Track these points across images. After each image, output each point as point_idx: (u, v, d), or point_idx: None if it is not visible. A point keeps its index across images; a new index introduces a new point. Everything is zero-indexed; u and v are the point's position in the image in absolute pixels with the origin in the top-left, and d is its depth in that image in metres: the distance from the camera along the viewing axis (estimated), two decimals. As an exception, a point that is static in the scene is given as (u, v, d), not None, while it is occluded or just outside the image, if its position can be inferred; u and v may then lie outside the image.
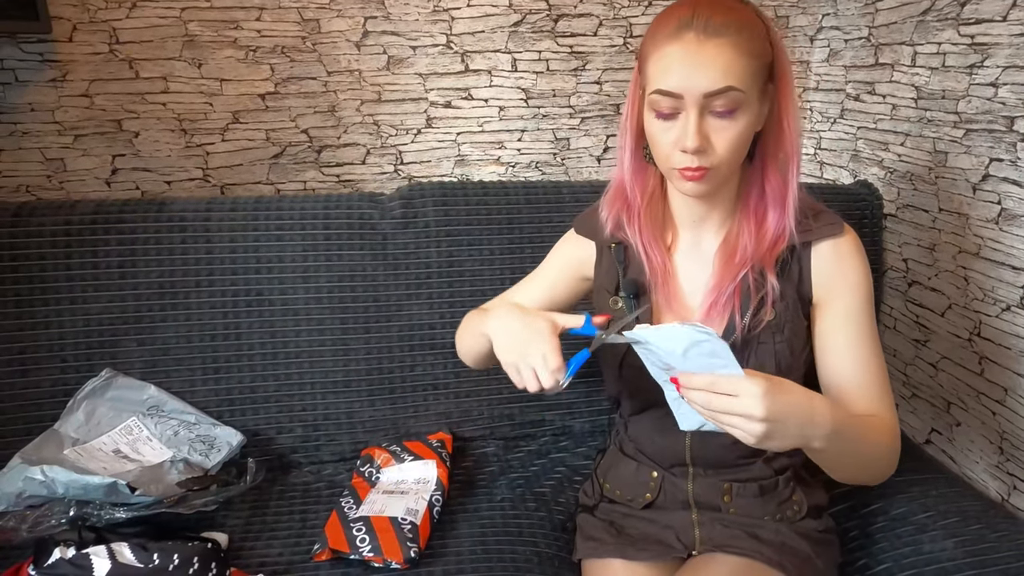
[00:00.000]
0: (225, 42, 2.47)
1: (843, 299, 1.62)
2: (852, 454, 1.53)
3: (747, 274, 1.60)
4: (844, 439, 1.43)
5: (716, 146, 1.46)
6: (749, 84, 1.43)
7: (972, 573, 1.66)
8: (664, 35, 1.44)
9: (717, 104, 1.42)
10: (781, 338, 1.61)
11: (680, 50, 1.42)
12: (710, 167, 1.47)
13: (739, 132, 1.45)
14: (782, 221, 1.59)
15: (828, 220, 1.63)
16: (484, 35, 2.65)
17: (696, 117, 1.43)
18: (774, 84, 1.52)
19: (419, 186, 2.37)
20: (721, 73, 1.39)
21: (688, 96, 1.42)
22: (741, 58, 1.40)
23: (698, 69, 1.40)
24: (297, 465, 2.27)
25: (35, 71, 2.35)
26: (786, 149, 1.56)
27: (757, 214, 1.61)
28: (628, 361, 1.70)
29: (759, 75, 1.46)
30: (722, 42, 1.40)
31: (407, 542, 1.81)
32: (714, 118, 1.44)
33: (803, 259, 1.63)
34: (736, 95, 1.41)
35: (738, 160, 1.52)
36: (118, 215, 2.15)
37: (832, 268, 1.62)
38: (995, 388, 2.16)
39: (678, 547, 1.70)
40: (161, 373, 2.18)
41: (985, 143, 2.11)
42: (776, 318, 1.60)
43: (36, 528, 1.77)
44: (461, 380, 2.34)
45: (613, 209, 1.74)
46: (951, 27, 2.20)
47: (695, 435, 1.71)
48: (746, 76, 1.42)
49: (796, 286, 1.64)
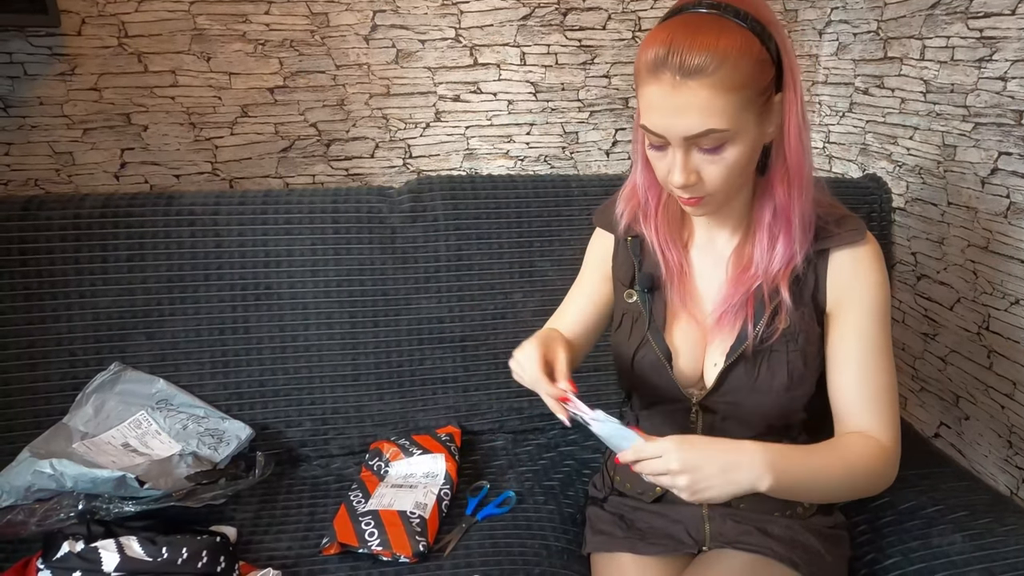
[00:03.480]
0: (234, 36, 2.47)
1: (855, 311, 1.58)
2: (823, 485, 1.50)
3: (761, 284, 1.58)
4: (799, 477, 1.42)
5: (706, 179, 1.42)
6: (735, 117, 1.35)
7: (981, 567, 1.65)
8: (645, 69, 1.38)
9: (702, 143, 1.38)
10: (795, 347, 1.59)
11: (658, 91, 1.36)
12: (703, 195, 1.46)
13: (728, 166, 1.41)
14: (790, 247, 1.54)
15: (851, 227, 1.58)
16: (493, 29, 2.65)
17: (682, 155, 1.40)
18: (781, 93, 1.44)
19: (428, 180, 2.37)
20: (699, 117, 1.34)
21: (670, 138, 1.39)
22: (721, 96, 1.33)
23: (676, 114, 1.36)
24: (306, 459, 2.27)
25: (44, 65, 2.36)
26: (790, 165, 1.49)
27: (771, 232, 1.56)
28: (639, 356, 1.70)
29: (751, 102, 1.37)
30: (699, 84, 1.32)
31: (416, 536, 1.82)
32: (702, 153, 1.40)
33: (819, 267, 1.60)
34: (718, 135, 1.36)
35: (734, 186, 1.48)
36: (127, 209, 2.15)
37: (848, 278, 1.59)
38: (1004, 382, 2.15)
39: (688, 542, 1.70)
40: (170, 367, 2.18)
41: (994, 137, 2.11)
42: (791, 326, 1.58)
43: (45, 522, 1.78)
44: (470, 374, 2.34)
45: (629, 206, 1.72)
46: (960, 21, 2.20)
47: (704, 431, 1.71)
48: (730, 112, 1.34)
49: (812, 293, 1.61)
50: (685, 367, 1.67)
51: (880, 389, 1.58)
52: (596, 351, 1.90)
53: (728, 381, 1.60)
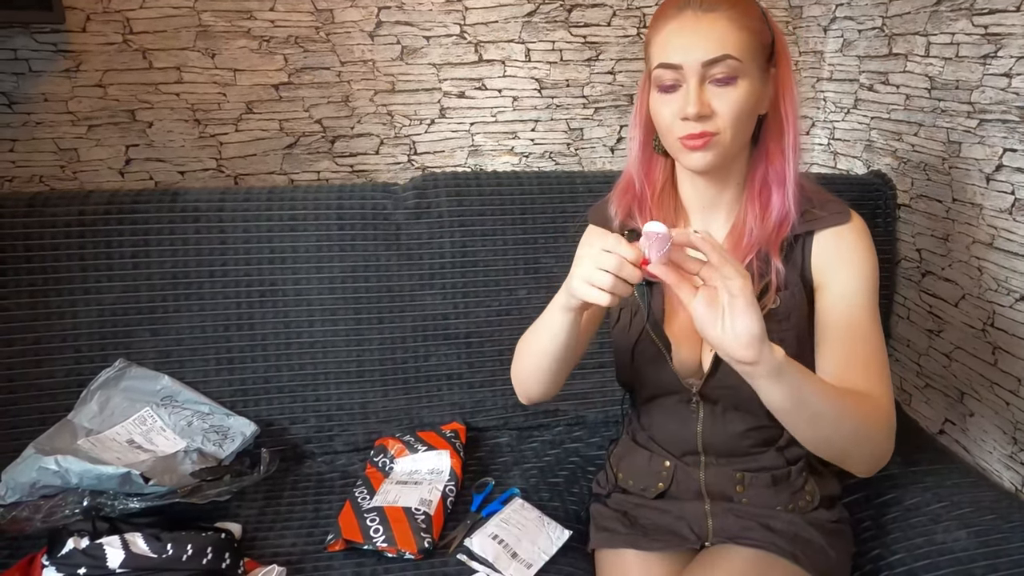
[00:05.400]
0: (239, 32, 2.47)
1: (840, 278, 1.61)
2: (817, 418, 1.44)
3: (752, 260, 1.61)
4: (797, 389, 1.37)
5: (718, 111, 1.49)
6: (747, 56, 1.48)
7: (985, 563, 1.66)
8: (665, 17, 1.53)
9: (716, 72, 1.47)
10: (788, 326, 1.61)
11: (678, 25, 1.50)
12: (715, 132, 1.50)
13: (740, 97, 1.49)
14: (784, 203, 1.60)
15: (835, 209, 1.64)
16: (498, 25, 2.65)
17: (696, 85, 1.48)
18: (775, 68, 1.57)
19: (433, 176, 2.37)
20: (717, 42, 1.46)
21: (687, 66, 1.48)
22: (737, 31, 1.47)
23: (696, 40, 1.47)
24: (311, 455, 2.28)
25: (49, 61, 2.36)
26: (786, 131, 1.59)
27: (762, 197, 1.62)
28: (639, 349, 1.71)
29: (758, 52, 1.51)
30: (718, 15, 1.47)
31: (421, 532, 1.82)
32: (714, 86, 1.49)
33: (806, 246, 1.64)
34: (733, 63, 1.47)
35: (741, 131, 1.54)
36: (132, 205, 2.16)
37: (831, 253, 1.63)
38: (1009, 378, 2.15)
39: (691, 538, 1.70)
40: (175, 363, 2.19)
41: (999, 133, 2.11)
42: (781, 305, 1.61)
43: (50, 518, 1.78)
44: (475, 370, 2.35)
45: (623, 201, 1.74)
46: (965, 17, 2.19)
47: (705, 422, 1.72)
48: (743, 47, 1.48)
49: (800, 272, 1.64)
50: (684, 357, 1.68)
51: (871, 351, 1.59)
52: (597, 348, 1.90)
53: (724, 366, 1.59)
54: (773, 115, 1.59)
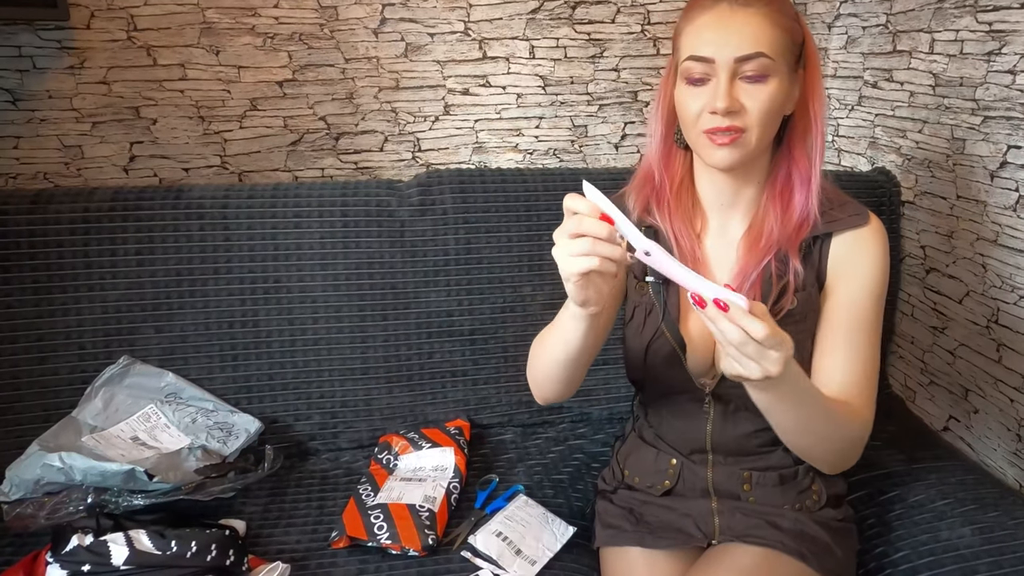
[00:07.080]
0: (243, 29, 2.47)
1: (849, 285, 1.62)
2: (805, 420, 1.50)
3: (770, 261, 1.60)
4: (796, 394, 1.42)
5: (747, 108, 1.48)
6: (778, 54, 1.47)
7: (990, 560, 1.66)
8: (699, 8, 1.50)
9: (747, 69, 1.46)
10: (803, 327, 1.61)
11: (713, 18, 1.47)
12: (742, 128, 1.48)
13: (769, 96, 1.47)
14: (807, 204, 1.59)
15: (853, 211, 1.64)
16: (502, 22, 2.65)
17: (727, 80, 1.46)
18: (803, 69, 1.55)
19: (437, 173, 2.37)
20: (751, 39, 1.44)
21: (719, 60, 1.46)
22: (771, 28, 1.45)
23: (730, 35, 1.45)
24: (315, 452, 2.28)
25: (53, 58, 2.36)
26: (813, 133, 1.58)
27: (783, 197, 1.61)
28: (654, 348, 1.70)
29: (789, 50, 1.50)
30: (753, 11, 1.45)
31: (425, 529, 1.82)
32: (745, 83, 1.47)
33: (824, 248, 1.64)
34: (765, 61, 1.45)
35: (767, 130, 1.53)
36: (136, 202, 2.15)
37: (847, 256, 1.62)
38: (1013, 375, 2.15)
39: (697, 536, 1.70)
40: (179, 360, 2.19)
41: (1003, 130, 2.10)
42: (798, 307, 1.60)
43: (54, 515, 1.78)
44: (479, 367, 2.35)
45: (641, 195, 1.72)
46: (969, 14, 2.19)
47: (715, 422, 1.71)
48: (775, 45, 1.46)
49: (816, 273, 1.64)
50: (698, 357, 1.67)
51: (864, 364, 1.61)
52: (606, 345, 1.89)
53: None
54: (801, 116, 1.58)
